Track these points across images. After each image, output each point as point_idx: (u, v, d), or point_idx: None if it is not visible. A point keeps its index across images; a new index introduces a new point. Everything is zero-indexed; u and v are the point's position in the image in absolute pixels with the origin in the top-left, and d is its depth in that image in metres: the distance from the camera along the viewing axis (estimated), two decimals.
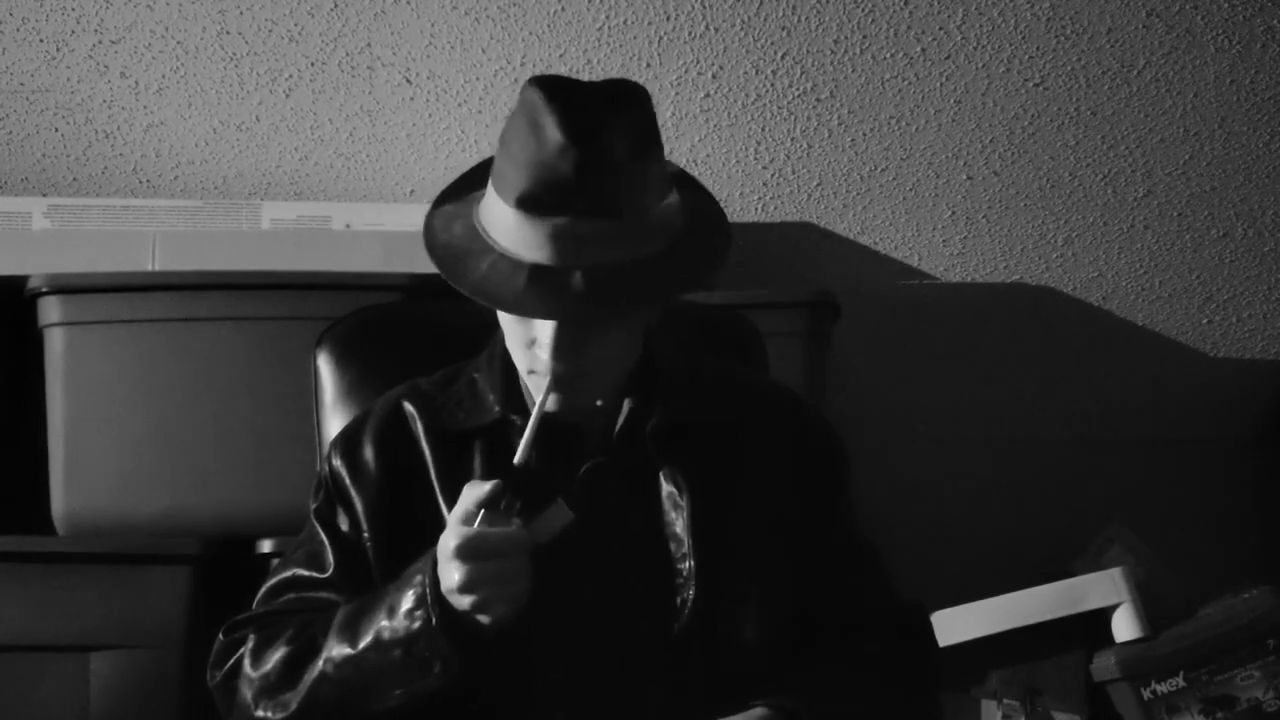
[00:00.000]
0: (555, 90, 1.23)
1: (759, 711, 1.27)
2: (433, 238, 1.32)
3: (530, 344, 1.30)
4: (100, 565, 1.91)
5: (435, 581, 1.22)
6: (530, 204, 1.22)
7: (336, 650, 1.27)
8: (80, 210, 2.24)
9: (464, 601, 1.20)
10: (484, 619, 1.21)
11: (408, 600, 1.24)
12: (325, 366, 1.66)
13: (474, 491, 1.22)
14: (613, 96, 1.25)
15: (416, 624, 1.23)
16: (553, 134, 1.21)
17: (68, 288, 2.02)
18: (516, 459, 1.24)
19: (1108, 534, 2.29)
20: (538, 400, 1.28)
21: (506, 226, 1.24)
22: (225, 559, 1.94)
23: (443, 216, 1.33)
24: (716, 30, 2.29)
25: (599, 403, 1.36)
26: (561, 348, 1.27)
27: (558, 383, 1.29)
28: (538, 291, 1.22)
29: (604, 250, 1.23)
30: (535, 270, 1.23)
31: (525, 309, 1.25)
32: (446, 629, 1.22)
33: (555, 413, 1.31)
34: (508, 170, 1.24)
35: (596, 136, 1.21)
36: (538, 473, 1.26)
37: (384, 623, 1.25)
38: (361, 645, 1.26)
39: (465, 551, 1.19)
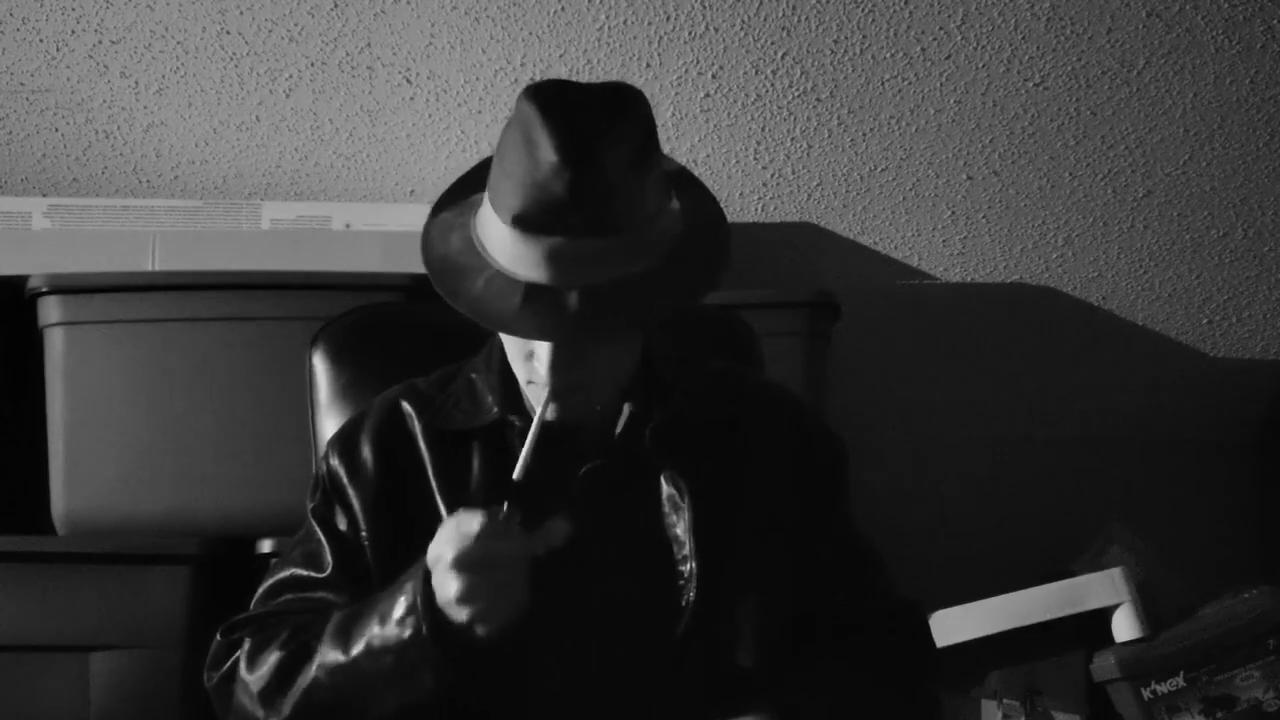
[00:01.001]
0: (549, 104, 1.22)
1: (760, 713, 1.28)
2: (430, 251, 1.31)
3: (528, 356, 1.30)
4: (100, 565, 1.91)
5: (427, 590, 1.21)
6: (525, 224, 1.21)
7: (330, 656, 1.27)
8: (80, 210, 2.24)
9: (462, 613, 1.19)
10: (480, 630, 1.20)
11: (398, 608, 1.23)
12: (320, 366, 1.66)
13: (474, 502, 1.22)
14: (608, 107, 1.24)
15: (407, 632, 1.22)
16: (547, 154, 1.20)
17: (68, 288, 2.03)
18: (516, 474, 1.23)
19: (1107, 534, 2.29)
20: (536, 410, 1.28)
21: (502, 243, 1.24)
22: (225, 559, 1.94)
23: (440, 226, 1.33)
24: (716, 30, 2.29)
25: (598, 407, 1.36)
26: (559, 364, 1.27)
27: (555, 395, 1.28)
28: (533, 311, 1.22)
29: (600, 269, 1.22)
30: (530, 289, 1.22)
31: (520, 329, 1.24)
32: (438, 637, 1.21)
33: (554, 420, 1.31)
34: (503, 186, 1.24)
35: (591, 155, 1.20)
36: (538, 479, 1.25)
37: (375, 630, 1.24)
38: (354, 652, 1.25)
39: (464, 563, 1.18)
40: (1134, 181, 2.43)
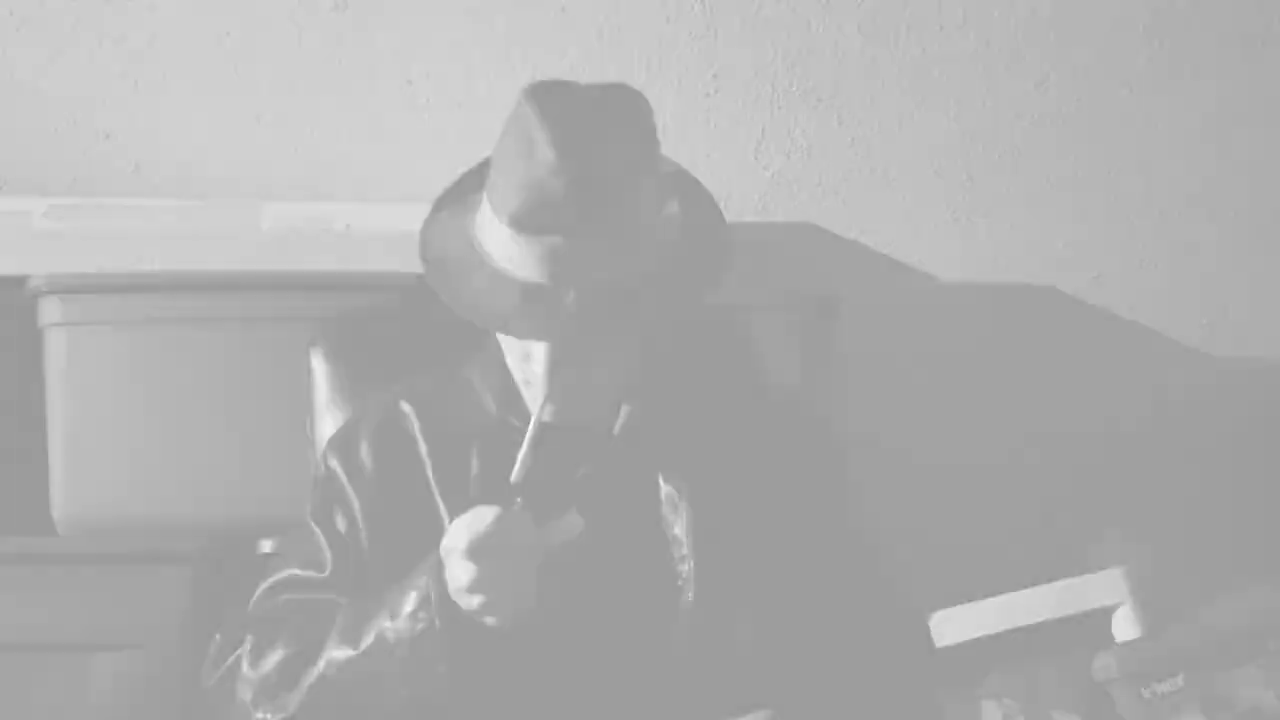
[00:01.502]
0: (548, 104, 1.22)
1: (759, 714, 1.28)
2: (428, 250, 1.32)
3: (526, 357, 1.30)
4: (100, 565, 1.91)
5: (440, 583, 1.22)
6: (522, 223, 1.22)
7: (338, 652, 1.27)
8: (80, 210, 2.23)
9: (472, 601, 1.20)
10: (490, 620, 1.21)
11: (411, 602, 1.24)
12: (320, 366, 1.66)
13: (475, 503, 1.22)
14: (608, 107, 1.24)
15: (420, 625, 1.23)
16: (544, 153, 1.20)
17: (68, 288, 2.02)
18: (514, 475, 1.23)
19: (1108, 534, 2.29)
20: (534, 412, 1.28)
21: (500, 243, 1.24)
22: (225, 559, 1.94)
23: (439, 225, 1.33)
24: (716, 30, 2.29)
25: (597, 407, 1.36)
26: (555, 364, 1.27)
27: (552, 397, 1.29)
28: (529, 311, 1.22)
29: (598, 269, 1.22)
30: (528, 289, 1.23)
31: (517, 329, 1.25)
32: (450, 631, 1.22)
33: (552, 421, 1.31)
34: (501, 185, 1.24)
35: (589, 155, 1.20)
36: (537, 480, 1.25)
37: (386, 624, 1.25)
38: (364, 647, 1.26)
39: (477, 550, 1.19)
40: (1134, 181, 2.43)
